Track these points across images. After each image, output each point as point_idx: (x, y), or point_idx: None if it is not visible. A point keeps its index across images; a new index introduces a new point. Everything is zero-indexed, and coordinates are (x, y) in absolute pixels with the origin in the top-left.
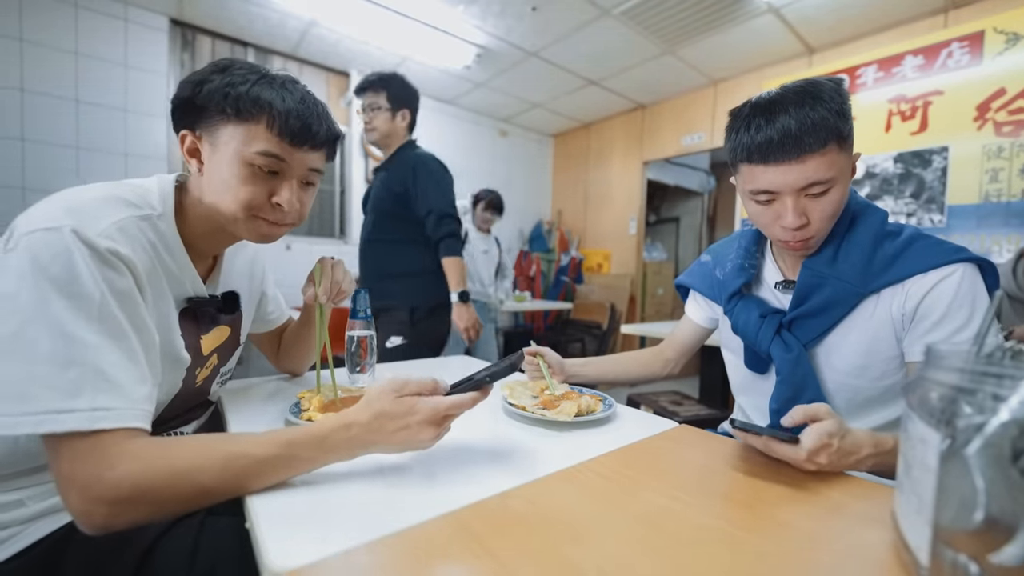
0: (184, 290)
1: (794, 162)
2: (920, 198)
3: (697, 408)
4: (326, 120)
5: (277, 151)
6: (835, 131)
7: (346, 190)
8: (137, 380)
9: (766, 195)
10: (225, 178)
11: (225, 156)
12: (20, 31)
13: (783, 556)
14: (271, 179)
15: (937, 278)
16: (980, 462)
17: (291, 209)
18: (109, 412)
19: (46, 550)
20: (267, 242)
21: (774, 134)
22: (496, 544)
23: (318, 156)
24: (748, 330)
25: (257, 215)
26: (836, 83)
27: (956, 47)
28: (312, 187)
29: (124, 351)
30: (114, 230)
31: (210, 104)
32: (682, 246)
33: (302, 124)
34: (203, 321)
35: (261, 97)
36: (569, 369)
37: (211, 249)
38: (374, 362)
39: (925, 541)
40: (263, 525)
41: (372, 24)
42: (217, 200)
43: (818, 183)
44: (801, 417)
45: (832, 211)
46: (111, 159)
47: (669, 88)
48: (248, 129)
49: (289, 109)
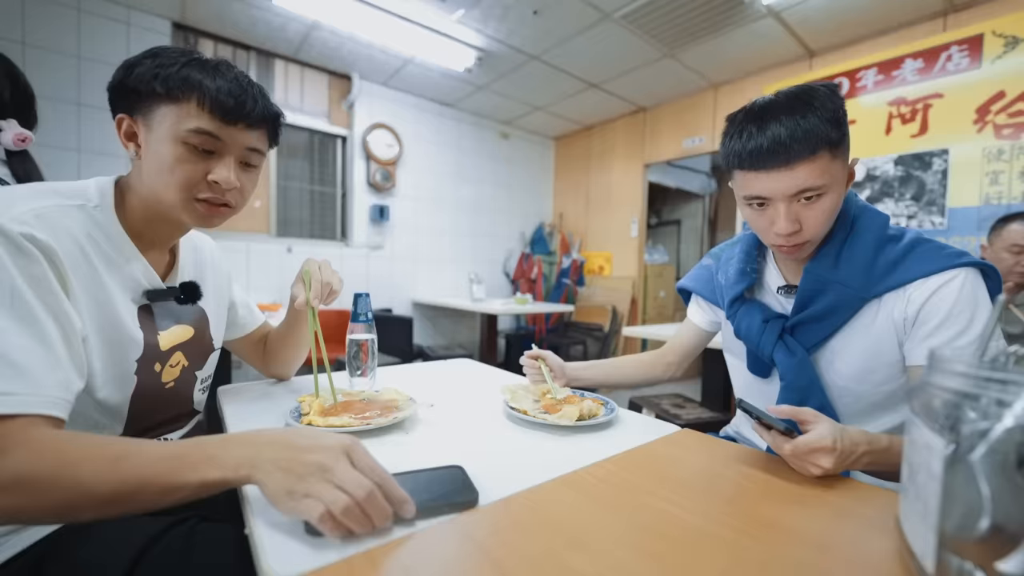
0: (138, 282)
1: (784, 169)
2: (920, 201)
3: (699, 411)
4: (261, 99)
5: (210, 128)
6: (826, 138)
7: (347, 193)
8: (49, 366)
9: (759, 200)
10: (162, 158)
11: (160, 136)
12: (23, 35)
13: (786, 562)
14: (207, 158)
15: (939, 283)
16: (985, 468)
17: (229, 187)
18: (9, 397)
19: (30, 561)
20: (208, 226)
21: (764, 141)
22: (497, 550)
23: (257, 136)
24: (751, 335)
25: (195, 196)
26: (830, 89)
27: (955, 50)
28: (253, 169)
29: (34, 336)
30: (30, 216)
31: (141, 85)
32: (683, 249)
33: (235, 101)
34: (161, 317)
35: (191, 76)
36: (571, 372)
37: (160, 239)
38: (375, 366)
39: (930, 548)
40: (262, 531)
41: (374, 27)
42: (155, 182)
43: (809, 190)
44: (787, 412)
45: (825, 218)
46: (113, 162)
47: (670, 91)
48: (180, 108)
49: (220, 87)
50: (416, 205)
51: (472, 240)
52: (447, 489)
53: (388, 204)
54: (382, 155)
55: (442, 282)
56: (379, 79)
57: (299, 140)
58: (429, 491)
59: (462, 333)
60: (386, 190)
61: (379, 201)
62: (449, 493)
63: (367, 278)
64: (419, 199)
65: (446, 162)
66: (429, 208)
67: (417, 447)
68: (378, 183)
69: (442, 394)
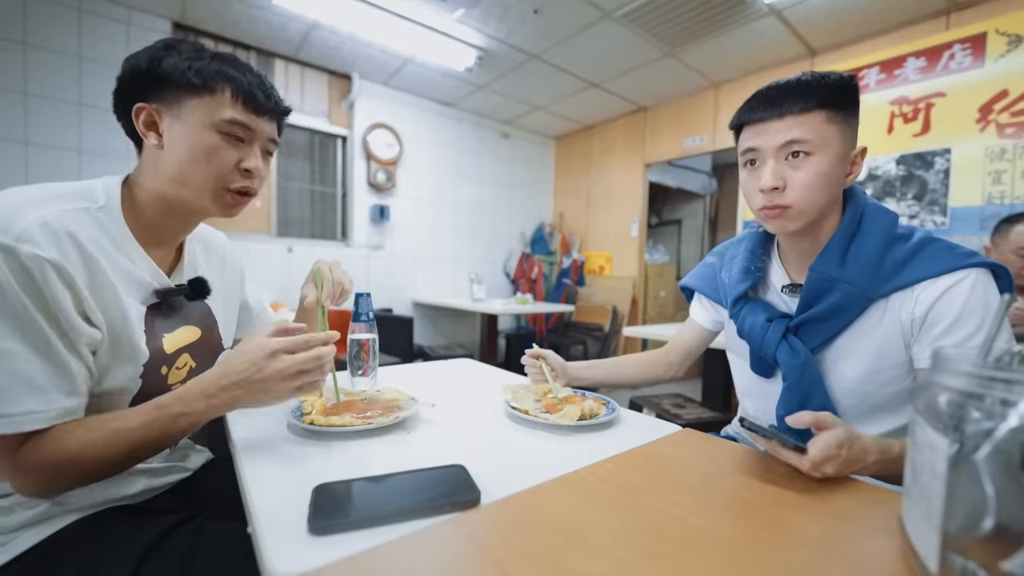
0: (145, 282)
1: (775, 119)
2: (922, 200)
3: (700, 411)
4: (275, 92)
5: (243, 119)
6: (823, 98)
7: (348, 193)
8: (63, 388)
9: (751, 154)
10: (195, 146)
11: (191, 125)
12: (24, 35)
13: (788, 563)
14: (239, 147)
15: (948, 284)
16: (990, 468)
17: (259, 174)
18: (30, 415)
19: (38, 557)
20: (230, 215)
21: (764, 98)
22: (499, 550)
23: (274, 127)
24: (754, 334)
25: (227, 186)
26: (847, 75)
27: (958, 49)
28: (270, 157)
29: (46, 358)
30: (36, 228)
31: (174, 76)
32: (684, 248)
33: (264, 95)
34: (168, 317)
35: (225, 71)
36: (572, 372)
37: (168, 236)
38: (376, 365)
39: (934, 548)
40: (265, 530)
41: (373, 27)
42: (185, 170)
43: (796, 142)
44: (809, 421)
45: (810, 180)
46: (115, 162)
47: (671, 90)
48: (214, 99)
49: (250, 81)
50: (416, 205)
51: (472, 240)
52: (448, 488)
53: (388, 204)
54: (382, 155)
55: (442, 282)
56: (379, 79)
57: (299, 140)
58: (431, 490)
59: (462, 333)
60: (386, 190)
61: (379, 201)
62: (450, 492)
63: (367, 278)
64: (419, 199)
65: (446, 162)
66: (429, 208)
67: (419, 446)
68: (378, 183)
69: (443, 394)
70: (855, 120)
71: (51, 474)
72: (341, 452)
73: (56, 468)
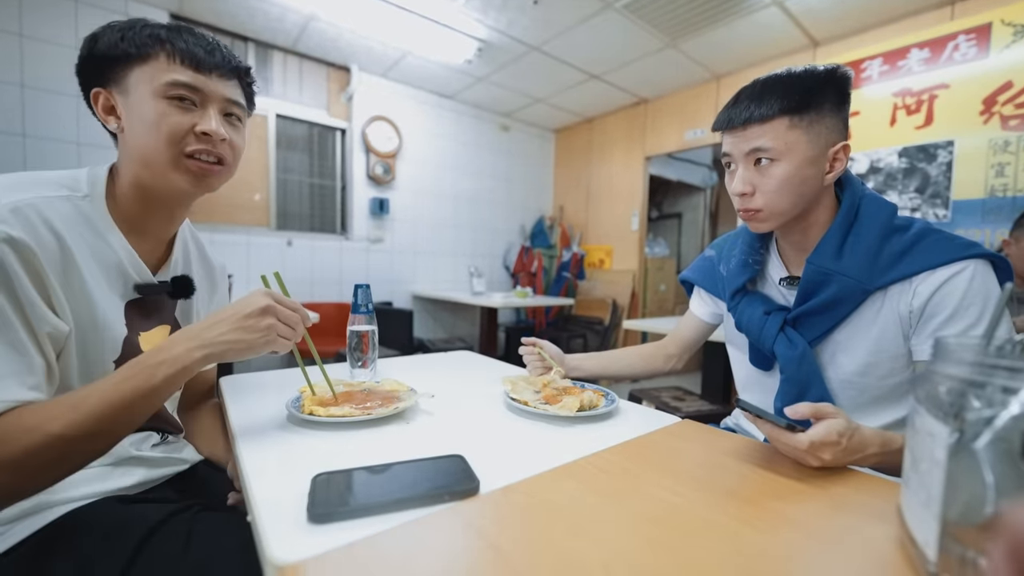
0: (127, 275)
1: (739, 129)
2: (925, 193)
3: (699, 404)
4: (227, 50)
5: (186, 79)
6: (784, 105)
7: (347, 186)
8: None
9: (726, 158)
10: (145, 118)
11: (138, 98)
12: (20, 26)
13: (787, 551)
14: (191, 111)
15: (947, 275)
16: (990, 456)
17: (218, 136)
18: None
19: (33, 548)
20: (206, 188)
21: (735, 104)
22: (498, 537)
23: (234, 87)
24: (752, 327)
25: (184, 151)
26: (829, 69)
27: (963, 40)
28: (240, 126)
29: (8, 342)
30: (6, 211)
31: (110, 51)
32: (684, 242)
33: (203, 49)
34: (148, 316)
35: (158, 33)
36: (571, 363)
37: (150, 227)
38: (375, 357)
39: (933, 536)
40: (265, 518)
41: (372, 18)
42: (142, 146)
43: (759, 151)
44: (808, 412)
45: (776, 185)
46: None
47: (672, 82)
48: (153, 65)
49: (187, 39)
50: (416, 198)
51: (472, 233)
52: (448, 478)
53: (388, 197)
54: (381, 148)
55: (442, 275)
56: (378, 71)
57: (298, 133)
58: (430, 480)
59: (462, 326)
60: (386, 183)
61: (379, 194)
62: (450, 482)
63: (367, 271)
64: (419, 192)
65: (446, 155)
66: (429, 201)
67: (418, 437)
68: (378, 176)
69: (443, 385)
70: (831, 117)
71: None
72: (341, 442)
73: (14, 461)
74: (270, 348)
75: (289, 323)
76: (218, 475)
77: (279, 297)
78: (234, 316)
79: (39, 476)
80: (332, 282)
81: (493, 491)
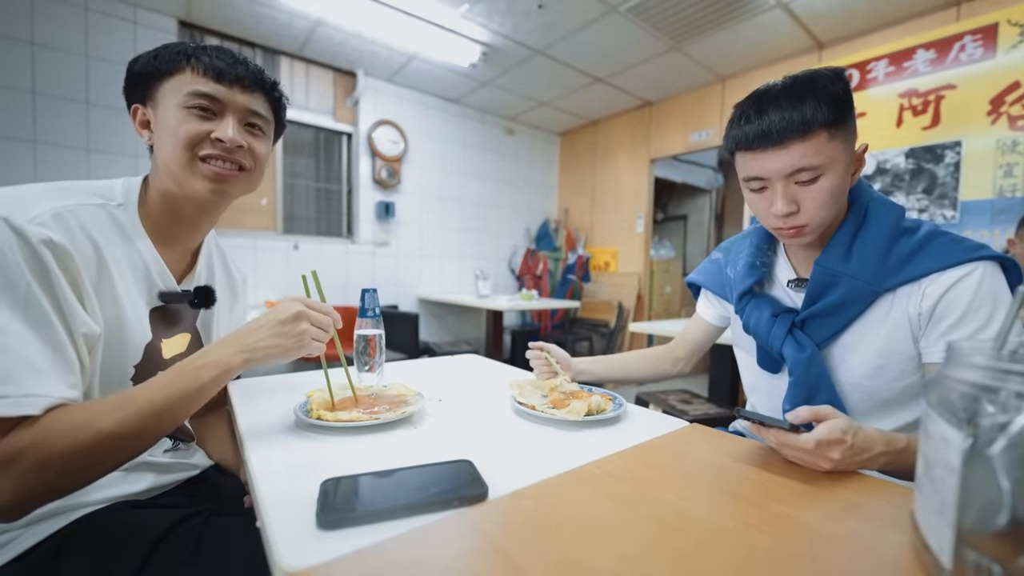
0: (153, 282)
1: (777, 148)
2: (932, 194)
3: (706, 407)
4: (253, 65)
5: (208, 90)
6: (822, 117)
7: (353, 190)
8: (61, 370)
9: (757, 182)
10: (168, 126)
11: (164, 110)
12: (31, 34)
13: (798, 557)
14: (211, 119)
15: (955, 277)
16: (1005, 462)
17: (232, 143)
18: (35, 399)
19: (45, 553)
20: (222, 194)
21: (760, 121)
22: (507, 544)
23: (257, 99)
24: (760, 330)
25: (198, 154)
26: (834, 72)
27: (969, 40)
28: (262, 136)
29: (48, 342)
30: (48, 217)
31: (143, 70)
32: (690, 244)
33: (226, 63)
34: (171, 324)
35: (184, 49)
36: (577, 366)
37: (177, 236)
38: (383, 361)
39: (947, 543)
40: (274, 524)
41: (378, 24)
42: (164, 154)
43: (804, 169)
44: (808, 415)
45: (823, 199)
46: (123, 161)
47: (676, 85)
48: (178, 79)
49: (211, 54)
50: (422, 202)
51: (477, 236)
52: (456, 483)
53: (394, 201)
54: (387, 152)
55: (448, 279)
56: (384, 75)
57: (304, 137)
58: (438, 484)
59: (468, 330)
60: (391, 187)
61: (385, 198)
62: (458, 487)
63: (373, 275)
64: (424, 196)
65: (451, 158)
66: (435, 205)
67: (426, 441)
68: (383, 180)
69: (450, 389)
70: (853, 119)
71: (35, 467)
72: (348, 447)
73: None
74: (304, 352)
75: (321, 326)
76: (228, 480)
77: (310, 302)
78: (271, 323)
79: (81, 473)
80: (338, 285)
81: (502, 496)
